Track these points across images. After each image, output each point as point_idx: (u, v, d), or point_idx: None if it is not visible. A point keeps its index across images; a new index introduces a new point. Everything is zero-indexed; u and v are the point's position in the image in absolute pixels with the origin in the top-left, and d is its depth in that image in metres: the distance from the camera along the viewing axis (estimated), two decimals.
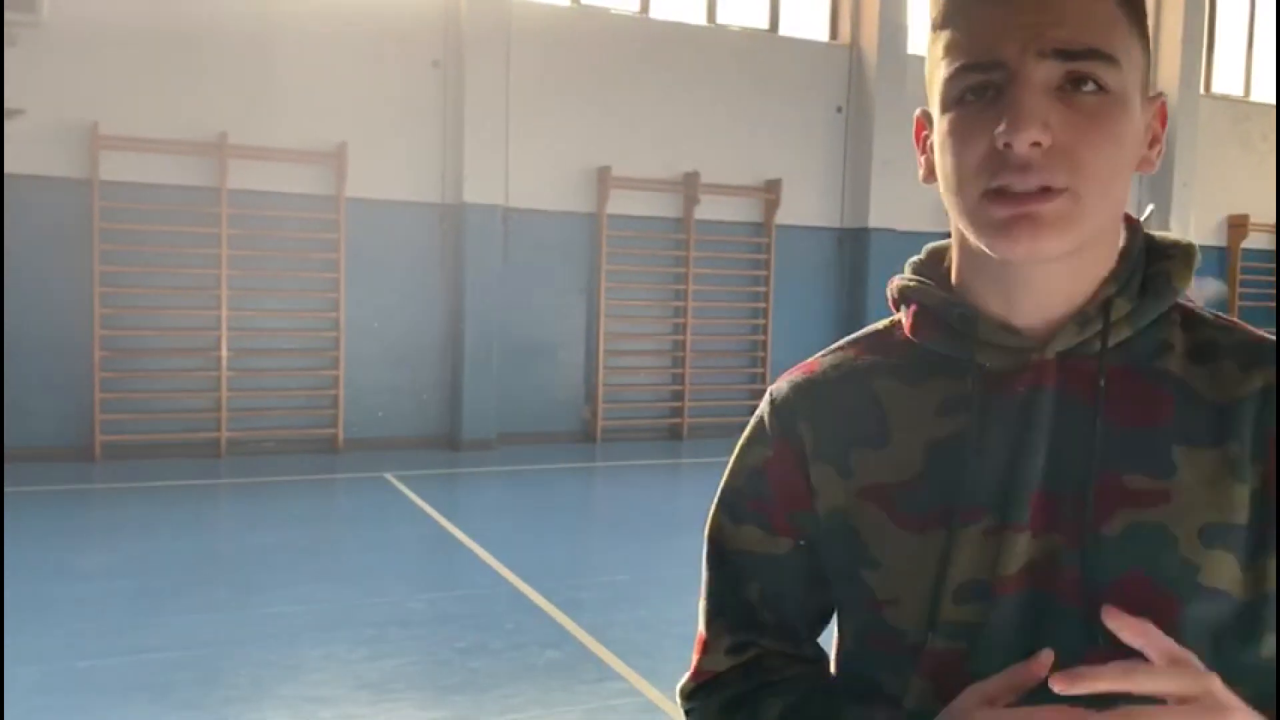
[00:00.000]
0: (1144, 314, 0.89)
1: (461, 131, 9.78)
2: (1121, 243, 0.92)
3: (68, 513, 7.32)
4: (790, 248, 11.23)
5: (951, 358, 0.92)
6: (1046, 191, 0.81)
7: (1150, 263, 0.92)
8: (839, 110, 11.50)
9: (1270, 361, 0.88)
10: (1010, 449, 0.88)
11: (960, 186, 0.85)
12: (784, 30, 11.36)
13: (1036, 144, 0.80)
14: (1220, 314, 0.94)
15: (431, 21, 9.77)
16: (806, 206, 11.34)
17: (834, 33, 11.64)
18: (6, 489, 7.35)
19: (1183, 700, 0.75)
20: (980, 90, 0.84)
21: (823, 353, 1.02)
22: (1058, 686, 0.75)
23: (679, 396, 10.94)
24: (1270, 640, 0.86)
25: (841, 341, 1.02)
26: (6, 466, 8.00)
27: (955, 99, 0.85)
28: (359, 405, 9.66)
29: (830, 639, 1.05)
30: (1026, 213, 0.81)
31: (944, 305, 0.92)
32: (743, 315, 11.35)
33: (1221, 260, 13.70)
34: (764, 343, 11.23)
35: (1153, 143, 0.90)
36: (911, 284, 0.97)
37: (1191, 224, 13.19)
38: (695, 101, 10.74)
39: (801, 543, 0.98)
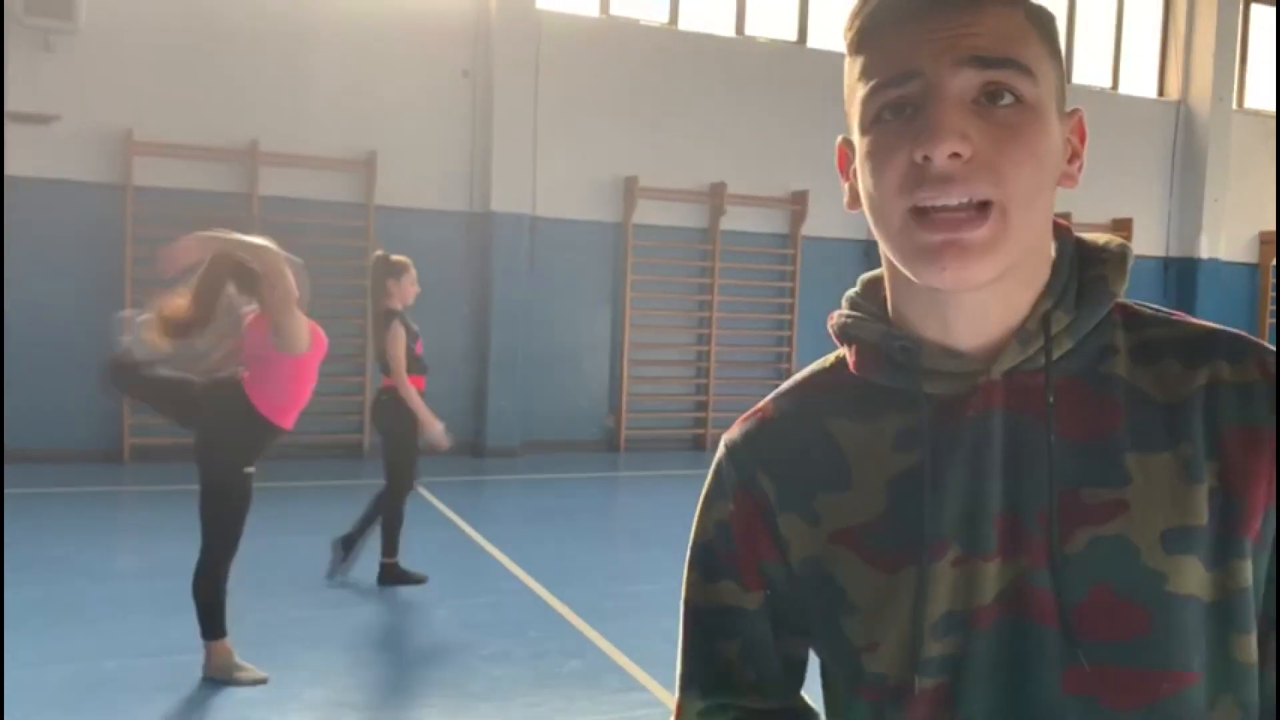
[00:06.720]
0: (1084, 323, 0.87)
1: (490, 140, 9.84)
2: (1053, 253, 0.90)
3: (97, 514, 7.39)
4: (816, 259, 11.21)
5: (900, 390, 0.90)
6: (972, 211, 0.80)
7: (1084, 268, 0.90)
8: None
9: (1213, 354, 0.86)
10: (967, 476, 0.86)
11: (884, 207, 0.83)
12: (812, 42, 11.35)
13: (956, 155, 0.79)
14: (1159, 308, 0.92)
15: (462, 32, 9.84)
16: (832, 218, 11.30)
17: None
18: (37, 490, 7.43)
19: None
20: (898, 108, 0.82)
21: (773, 395, 1.00)
22: None
23: (703, 407, 10.94)
24: (1247, 641, 0.84)
25: (790, 382, 1.00)
26: (36, 468, 8.09)
27: (873, 118, 0.84)
28: None
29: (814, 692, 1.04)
30: (953, 240, 0.80)
31: (884, 339, 0.91)
32: (768, 326, 11.35)
33: (1253, 277, 13.56)
34: (789, 354, 11.21)
35: (1072, 158, 0.89)
36: (849, 320, 0.95)
37: (1222, 240, 13.06)
38: (723, 112, 10.76)
39: (768, 593, 0.96)
